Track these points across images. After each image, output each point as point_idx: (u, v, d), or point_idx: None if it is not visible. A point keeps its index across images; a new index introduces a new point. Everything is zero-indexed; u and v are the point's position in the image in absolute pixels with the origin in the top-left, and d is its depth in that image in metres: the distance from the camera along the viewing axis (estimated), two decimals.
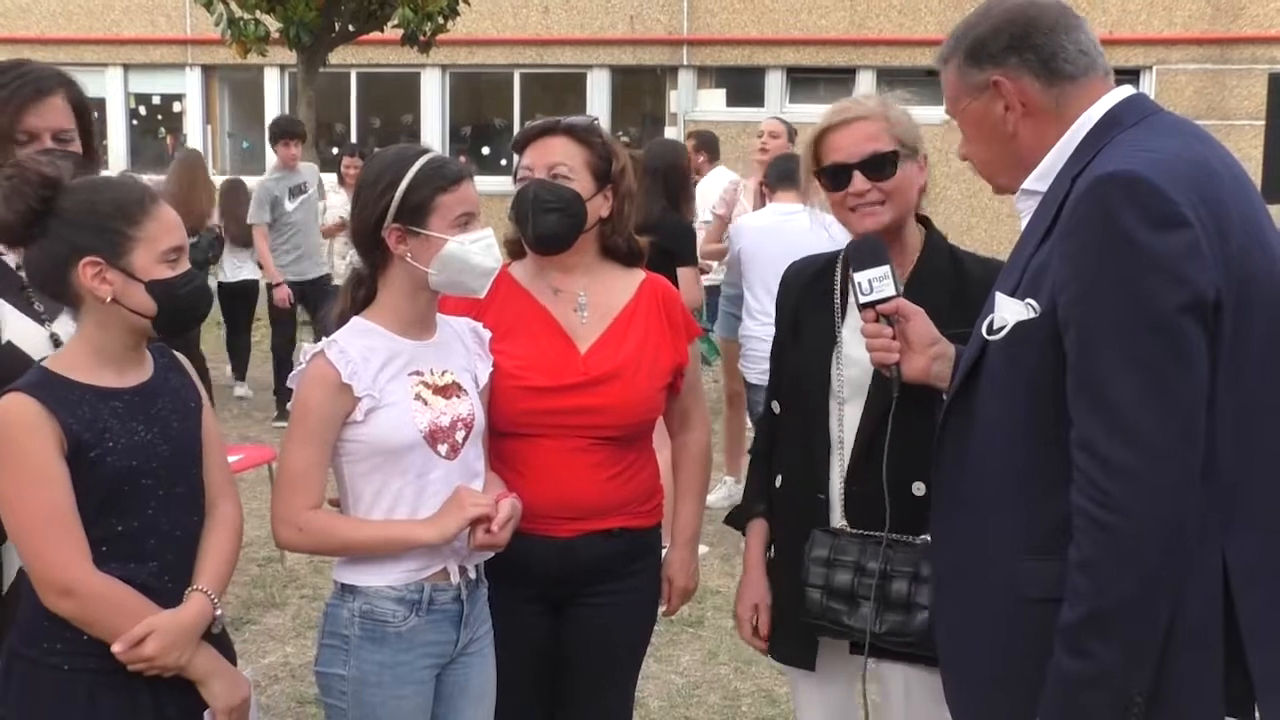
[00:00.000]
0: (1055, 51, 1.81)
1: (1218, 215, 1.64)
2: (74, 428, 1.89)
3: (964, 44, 1.87)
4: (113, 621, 1.92)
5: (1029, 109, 1.82)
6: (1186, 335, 1.58)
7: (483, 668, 2.33)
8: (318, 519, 2.19)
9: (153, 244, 1.94)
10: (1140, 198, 1.61)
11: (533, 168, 2.43)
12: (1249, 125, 14.47)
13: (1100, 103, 1.81)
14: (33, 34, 16.38)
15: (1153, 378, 1.58)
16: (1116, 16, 15.38)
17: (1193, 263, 1.59)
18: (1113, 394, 1.59)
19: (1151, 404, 1.58)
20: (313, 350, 2.20)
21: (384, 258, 2.24)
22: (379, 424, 2.17)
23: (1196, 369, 1.59)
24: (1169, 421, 1.58)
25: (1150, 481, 1.58)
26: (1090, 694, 1.62)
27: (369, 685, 2.19)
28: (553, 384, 2.39)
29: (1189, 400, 1.59)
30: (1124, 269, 1.60)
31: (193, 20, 16.18)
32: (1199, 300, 1.59)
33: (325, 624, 2.27)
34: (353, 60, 15.12)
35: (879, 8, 15.66)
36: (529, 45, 16.24)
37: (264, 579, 5.09)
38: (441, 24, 12.00)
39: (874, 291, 2.14)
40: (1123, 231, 1.60)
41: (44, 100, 2.29)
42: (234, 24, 11.55)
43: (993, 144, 1.87)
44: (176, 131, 17.43)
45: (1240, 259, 1.65)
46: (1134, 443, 1.58)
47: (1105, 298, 1.61)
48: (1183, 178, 1.64)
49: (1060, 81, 1.81)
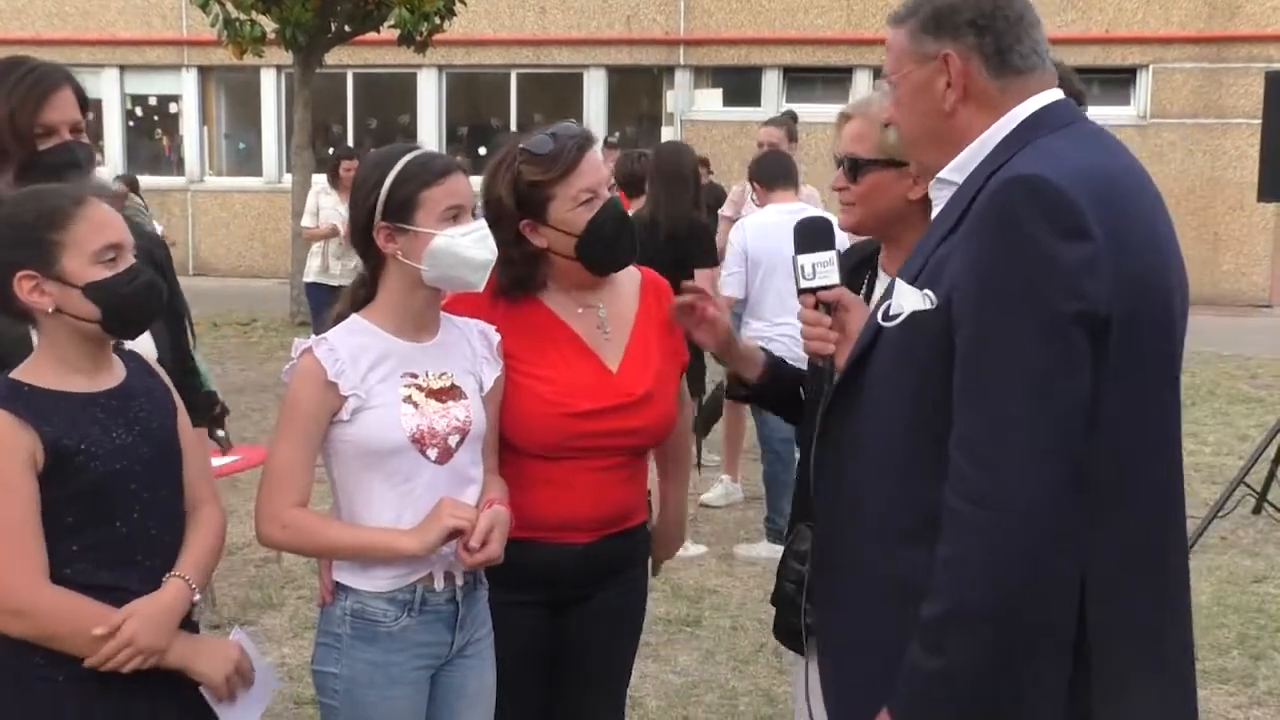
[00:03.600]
0: (1012, 44, 1.79)
1: (1121, 231, 1.65)
2: (52, 435, 1.86)
3: (926, 9, 1.83)
4: (74, 633, 1.88)
5: (969, 92, 1.80)
6: (1075, 345, 1.58)
7: (480, 671, 2.31)
8: (303, 518, 2.17)
9: (83, 246, 1.88)
10: (1047, 204, 1.61)
11: (596, 189, 2.34)
12: (1245, 124, 14.49)
13: (1030, 101, 1.79)
14: (28, 34, 16.35)
15: (1038, 382, 1.58)
16: (1113, 15, 15.39)
17: (1090, 276, 1.59)
18: (996, 395, 1.60)
19: (1033, 408, 1.58)
20: (302, 346, 2.19)
21: (379, 257, 2.22)
22: (364, 425, 2.15)
23: (1080, 378, 1.59)
24: (1048, 427, 1.57)
25: (1024, 484, 1.57)
26: (940, 691, 1.61)
27: (360, 684, 2.18)
28: (593, 408, 2.36)
29: (1070, 408, 1.58)
30: (1022, 273, 1.60)
31: (189, 21, 16.17)
32: (1091, 314, 1.60)
33: (320, 622, 2.26)
34: (349, 61, 15.11)
35: (876, 7, 15.65)
36: (526, 45, 16.23)
37: (261, 579, 5.09)
38: (438, 24, 11.99)
39: (816, 277, 2.05)
40: (1026, 236, 1.60)
41: (57, 94, 2.30)
42: (230, 25, 11.55)
43: (927, 117, 1.84)
44: (173, 133, 17.42)
45: (1136, 278, 1.66)
46: (1012, 444, 1.58)
47: (999, 299, 1.61)
48: (1092, 191, 1.63)
49: (1007, 73, 1.79)
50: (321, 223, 8.43)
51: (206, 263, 16.58)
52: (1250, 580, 5.26)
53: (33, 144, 2.26)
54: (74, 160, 2.29)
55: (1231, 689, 4.17)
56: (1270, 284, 15.20)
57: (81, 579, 1.90)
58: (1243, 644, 4.56)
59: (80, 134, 2.34)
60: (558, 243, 2.34)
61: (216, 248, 16.85)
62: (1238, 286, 15.20)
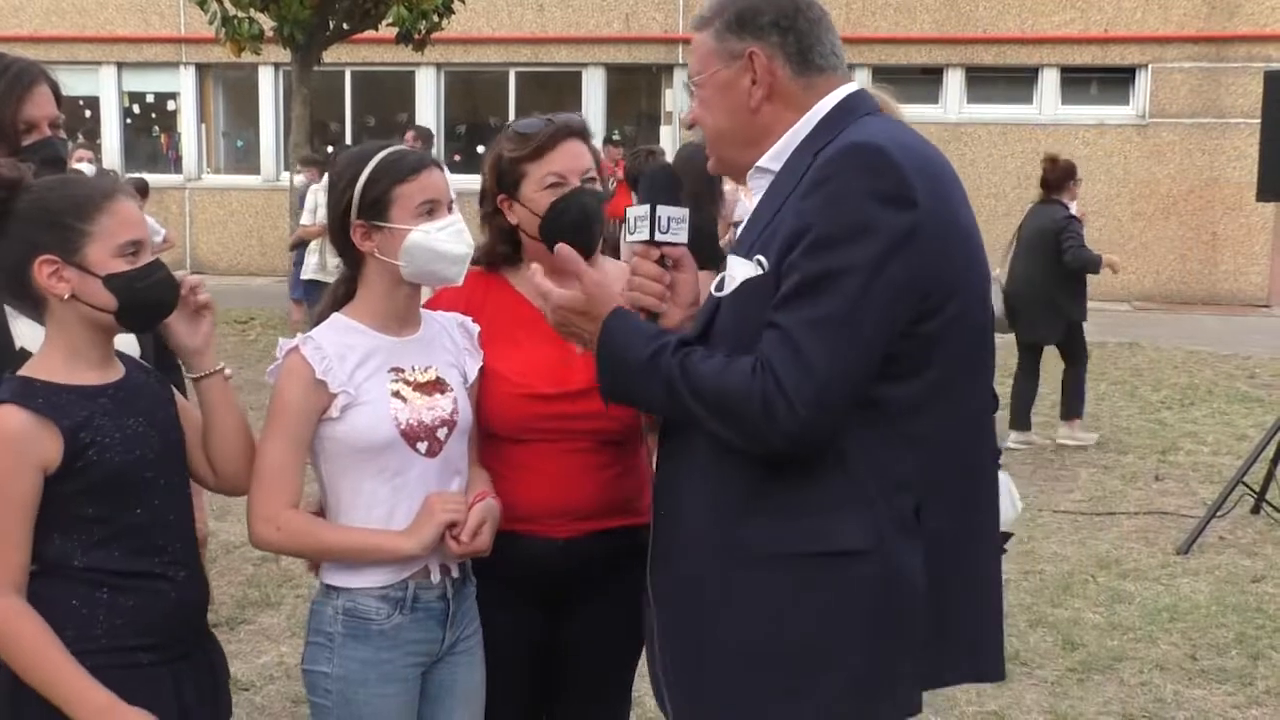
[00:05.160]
0: (813, 44, 1.86)
1: (946, 213, 1.75)
2: (70, 428, 1.89)
3: (730, 11, 1.88)
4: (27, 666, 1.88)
5: (774, 90, 1.86)
6: (883, 306, 1.69)
7: (470, 668, 2.31)
8: (297, 519, 2.17)
9: (108, 238, 1.92)
10: (880, 169, 1.70)
11: (566, 175, 2.37)
12: (1244, 123, 14.49)
13: (834, 94, 1.87)
14: (26, 32, 16.34)
15: (844, 332, 1.68)
16: (1112, 14, 15.39)
17: (910, 245, 1.69)
18: (799, 333, 1.69)
19: (829, 348, 1.68)
20: (287, 346, 2.19)
21: (359, 255, 2.23)
22: (354, 421, 2.16)
23: (877, 337, 1.70)
24: (838, 367, 1.69)
25: (807, 407, 1.69)
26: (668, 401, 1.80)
27: (353, 683, 2.17)
28: (552, 391, 2.37)
29: (862, 357, 1.70)
30: (846, 230, 1.69)
31: (187, 19, 16.15)
32: (905, 282, 1.69)
33: (310, 622, 2.25)
34: (347, 59, 15.09)
35: (874, 6, 15.66)
36: (524, 44, 16.22)
37: (259, 578, 5.08)
38: (436, 22, 11.98)
39: (670, 232, 2.01)
40: (855, 194, 1.69)
41: (36, 89, 2.31)
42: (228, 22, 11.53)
43: (734, 115, 1.89)
44: (171, 130, 17.40)
45: (957, 260, 1.76)
46: (807, 372, 1.68)
47: (822, 252, 1.69)
48: (921, 168, 1.73)
49: (809, 72, 1.86)
50: (319, 220, 8.45)
51: (204, 261, 16.56)
52: (1249, 580, 5.26)
53: (16, 140, 2.26)
54: (57, 155, 2.32)
55: (1230, 689, 4.17)
56: (1269, 284, 15.19)
57: (112, 565, 1.93)
58: (1241, 643, 4.55)
59: (58, 129, 2.35)
60: (526, 221, 2.39)
61: (214, 246, 16.84)
62: (1236, 286, 15.20)
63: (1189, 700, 4.08)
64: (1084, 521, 6.04)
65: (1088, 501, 6.45)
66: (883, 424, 1.75)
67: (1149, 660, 4.38)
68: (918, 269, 1.69)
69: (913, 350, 1.73)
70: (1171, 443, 7.75)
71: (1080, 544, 5.72)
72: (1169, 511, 6.23)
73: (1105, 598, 4.98)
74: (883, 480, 1.76)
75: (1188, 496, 6.55)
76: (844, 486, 1.76)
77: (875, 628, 1.76)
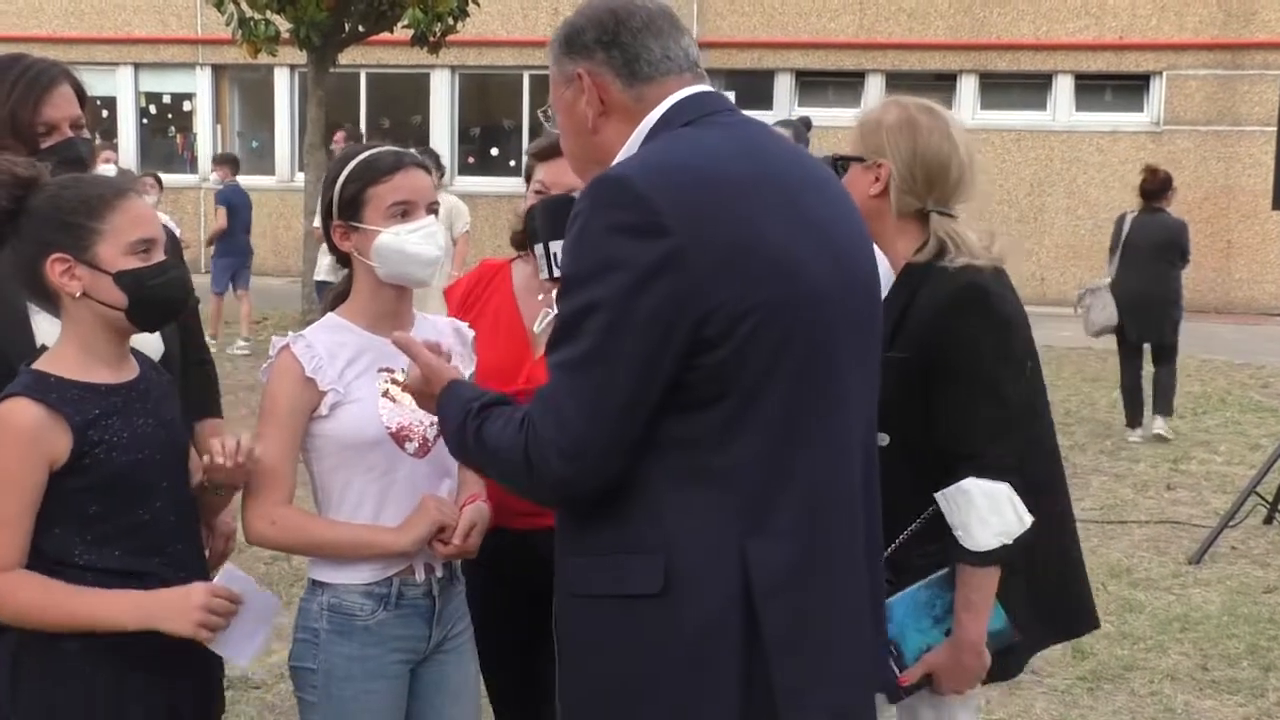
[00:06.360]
0: (639, 53, 1.80)
1: (727, 234, 1.65)
2: (81, 424, 1.90)
3: (560, 35, 1.87)
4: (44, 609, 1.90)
5: (608, 106, 1.82)
6: (637, 339, 1.62)
7: (460, 665, 2.32)
8: (291, 515, 2.19)
9: (119, 236, 1.93)
10: (622, 203, 1.64)
11: (549, 187, 2.45)
12: (1259, 131, 14.44)
13: (663, 104, 1.80)
14: (44, 33, 16.43)
15: (595, 371, 1.64)
16: (1127, 21, 15.36)
17: (665, 274, 1.61)
18: (554, 379, 1.68)
19: (580, 392, 1.65)
20: (279, 344, 2.21)
21: (346, 256, 2.26)
22: (343, 419, 2.17)
23: (638, 372, 1.63)
24: (589, 409, 1.65)
25: (563, 456, 1.66)
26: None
27: (338, 679, 2.19)
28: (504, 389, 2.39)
29: (619, 395, 1.64)
30: (590, 268, 1.65)
31: (203, 20, 16.23)
32: (662, 312, 1.62)
33: (298, 618, 2.27)
34: (363, 61, 15.14)
35: (888, 11, 15.65)
36: (539, 47, 16.23)
37: (270, 577, 5.09)
38: (451, 25, 12.00)
39: None
40: (596, 231, 1.65)
41: (56, 90, 2.31)
42: (244, 24, 11.57)
43: (578, 136, 1.87)
44: (186, 131, 17.48)
45: (749, 281, 1.65)
46: (559, 420, 1.66)
47: (571, 294, 1.67)
48: (683, 188, 1.65)
49: (639, 82, 1.81)
50: None
51: None
52: (1261, 590, 5.24)
53: (35, 142, 2.27)
54: (77, 156, 2.31)
55: (1241, 700, 4.16)
56: None
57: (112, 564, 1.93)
58: (1253, 654, 4.54)
59: (81, 129, 2.35)
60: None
61: None
62: (1251, 294, 15.15)
63: (1200, 711, 4.06)
64: (1095, 530, 6.02)
65: (1099, 510, 6.43)
66: (684, 459, 1.67)
67: (1160, 670, 4.37)
68: (682, 297, 1.61)
69: (701, 380, 1.64)
70: (1184, 452, 7.72)
71: (1091, 552, 5.68)
72: (1181, 521, 6.21)
73: (1116, 607, 4.96)
74: (688, 518, 1.67)
75: (1200, 506, 6.52)
76: (642, 527, 1.69)
77: (674, 671, 1.69)
